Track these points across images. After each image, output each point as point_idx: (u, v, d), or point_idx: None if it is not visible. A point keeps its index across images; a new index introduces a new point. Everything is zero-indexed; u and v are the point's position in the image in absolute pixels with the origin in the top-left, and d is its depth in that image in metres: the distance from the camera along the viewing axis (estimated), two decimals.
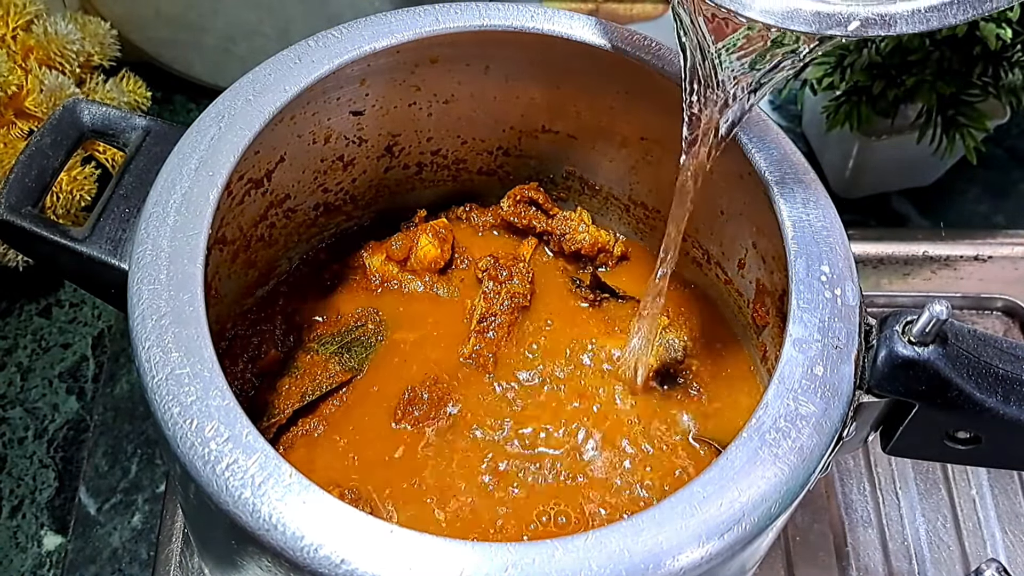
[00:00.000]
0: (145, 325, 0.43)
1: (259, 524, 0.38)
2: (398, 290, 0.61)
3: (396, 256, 0.62)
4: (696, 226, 0.60)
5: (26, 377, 0.76)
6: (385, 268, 0.62)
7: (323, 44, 0.52)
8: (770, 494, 0.40)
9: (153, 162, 0.50)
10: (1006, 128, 0.85)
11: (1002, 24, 0.66)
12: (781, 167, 0.49)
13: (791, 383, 0.43)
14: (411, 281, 0.61)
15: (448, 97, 0.60)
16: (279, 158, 0.56)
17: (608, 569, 0.38)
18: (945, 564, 0.67)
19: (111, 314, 0.79)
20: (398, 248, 0.62)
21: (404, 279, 0.61)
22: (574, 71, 0.57)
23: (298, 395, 0.56)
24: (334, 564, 0.38)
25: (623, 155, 0.61)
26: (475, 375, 0.58)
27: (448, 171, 0.65)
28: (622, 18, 0.90)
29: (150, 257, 0.45)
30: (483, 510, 0.53)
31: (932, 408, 0.43)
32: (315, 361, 0.58)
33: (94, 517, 0.69)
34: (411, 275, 0.62)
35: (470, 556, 0.38)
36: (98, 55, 0.82)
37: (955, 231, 0.83)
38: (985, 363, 0.42)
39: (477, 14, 0.54)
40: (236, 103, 0.50)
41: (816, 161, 0.89)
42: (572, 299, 0.62)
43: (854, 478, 0.70)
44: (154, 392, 0.41)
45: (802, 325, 0.44)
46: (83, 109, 0.52)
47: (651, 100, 0.56)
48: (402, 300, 0.61)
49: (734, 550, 0.39)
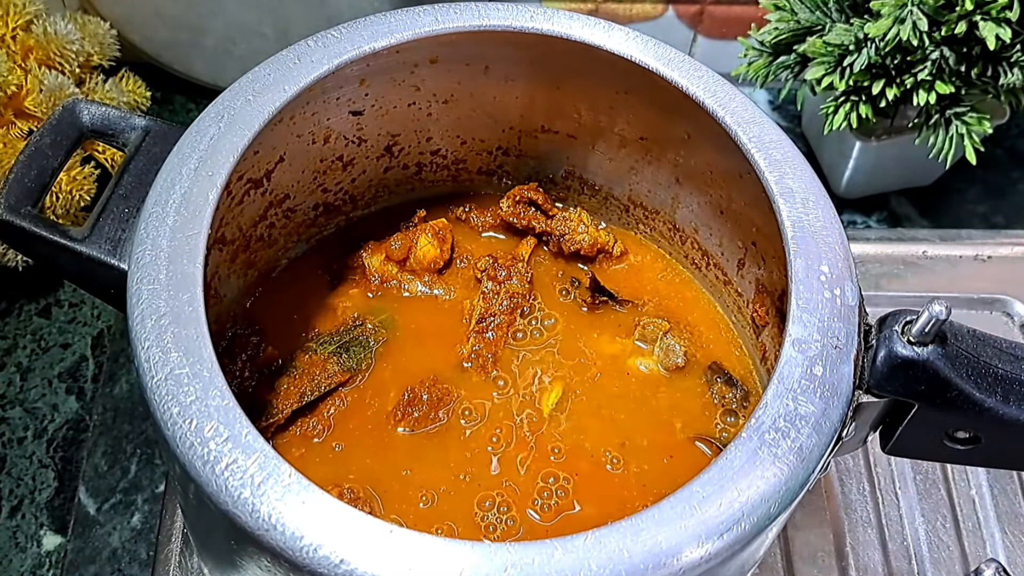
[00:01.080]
0: (144, 325, 0.43)
1: (258, 524, 0.38)
2: (397, 290, 0.61)
3: (395, 256, 0.62)
4: (695, 226, 0.60)
5: (26, 377, 0.76)
6: (384, 268, 0.62)
7: (322, 44, 0.52)
8: (769, 494, 0.40)
9: (152, 162, 0.50)
10: (1006, 128, 0.85)
11: (1001, 24, 0.66)
12: (780, 167, 0.49)
13: (790, 383, 0.43)
14: (410, 281, 0.61)
15: (448, 97, 0.60)
16: (278, 158, 0.56)
17: (608, 569, 0.38)
18: (945, 564, 0.67)
19: (111, 314, 0.79)
20: (397, 248, 0.61)
21: (403, 279, 0.61)
22: (574, 71, 0.57)
23: (297, 395, 0.56)
24: (333, 564, 0.38)
25: (622, 155, 0.61)
26: (475, 375, 0.58)
27: (448, 171, 0.65)
28: (622, 18, 0.90)
29: (149, 257, 0.45)
30: (484, 511, 0.53)
31: (931, 408, 0.43)
32: (314, 361, 0.58)
33: (94, 517, 0.69)
34: (410, 275, 0.62)
35: (469, 556, 0.38)
36: (98, 55, 0.82)
37: (955, 231, 0.83)
38: (984, 363, 0.42)
39: (477, 14, 0.54)
40: (235, 103, 0.50)
41: (816, 161, 0.89)
42: (570, 301, 0.62)
43: (854, 478, 0.70)
44: (153, 392, 0.41)
45: (801, 325, 0.44)
46: (82, 109, 0.52)
47: (651, 100, 0.56)
48: (401, 300, 0.61)
49: (733, 550, 0.39)
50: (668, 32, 0.91)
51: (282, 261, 0.62)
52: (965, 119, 0.74)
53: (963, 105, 0.74)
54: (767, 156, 0.50)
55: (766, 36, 0.78)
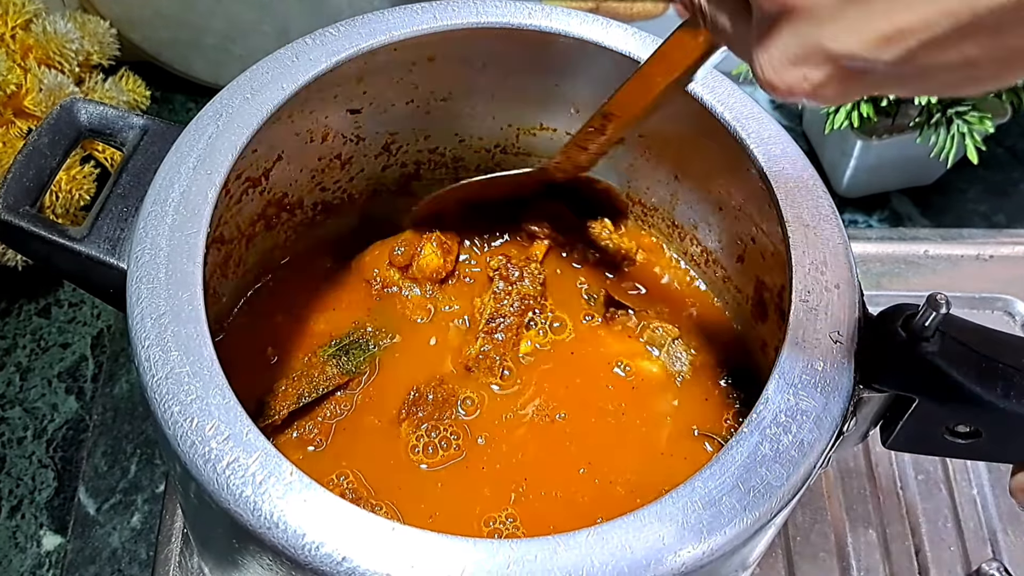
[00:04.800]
0: (144, 324, 0.43)
1: (260, 522, 0.38)
2: (397, 295, 0.61)
3: (397, 262, 0.61)
4: (695, 222, 0.60)
5: (25, 377, 0.76)
6: (387, 273, 0.61)
7: (320, 42, 0.52)
8: (771, 489, 0.40)
9: (151, 161, 0.50)
10: (1007, 128, 0.85)
11: None
12: (781, 164, 0.49)
13: (791, 378, 0.43)
14: (411, 288, 0.61)
15: (446, 95, 0.59)
16: (277, 156, 0.55)
17: (610, 565, 0.38)
18: (946, 564, 0.66)
19: (110, 314, 0.79)
20: (400, 254, 0.61)
21: (404, 285, 0.61)
22: (572, 68, 0.57)
23: (295, 396, 0.56)
24: (336, 562, 0.38)
25: (621, 152, 0.61)
26: (481, 377, 0.57)
27: (446, 169, 0.65)
28: (622, 17, 0.90)
29: (149, 256, 0.45)
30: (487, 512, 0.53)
31: (932, 402, 0.43)
32: (312, 363, 0.57)
33: (93, 517, 0.69)
34: (411, 282, 0.61)
35: (472, 553, 0.38)
36: (97, 54, 0.82)
37: (956, 231, 0.83)
38: (985, 357, 0.42)
39: (474, 12, 0.54)
40: (234, 101, 0.50)
41: (816, 160, 0.89)
42: (583, 311, 0.61)
43: (855, 478, 0.70)
44: (153, 391, 0.41)
45: (802, 320, 0.44)
46: (80, 108, 0.52)
47: None
48: (402, 305, 0.61)
49: (735, 545, 0.39)
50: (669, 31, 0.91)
51: (280, 261, 0.62)
52: (967, 118, 0.74)
53: (964, 104, 0.74)
54: (766, 152, 0.50)
55: None
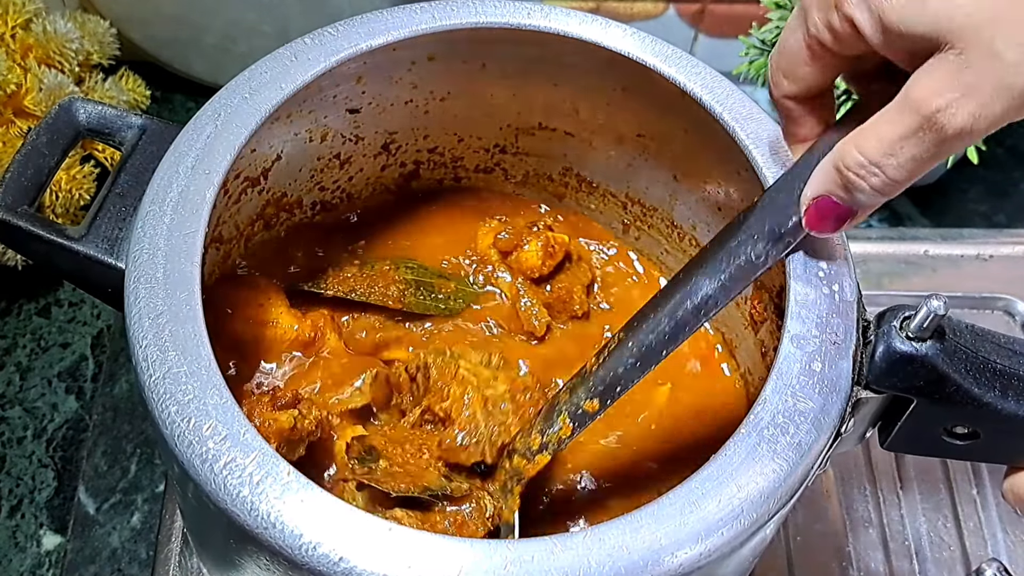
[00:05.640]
0: (142, 324, 0.43)
1: (257, 522, 0.38)
2: (488, 276, 0.62)
3: (500, 245, 0.62)
4: (694, 223, 0.60)
5: (25, 377, 0.76)
6: (489, 251, 0.62)
7: (319, 42, 0.52)
8: (768, 490, 0.40)
9: (149, 160, 0.50)
10: (1007, 128, 0.85)
11: None
12: (778, 163, 0.49)
13: (789, 379, 0.43)
14: (504, 273, 0.62)
15: (445, 95, 0.59)
16: (275, 156, 0.55)
17: (607, 566, 0.38)
18: (946, 564, 0.66)
19: (110, 313, 0.79)
20: (505, 239, 0.62)
21: (499, 268, 0.62)
22: (571, 68, 0.57)
23: (349, 287, 0.57)
24: (333, 562, 0.38)
25: (620, 152, 0.61)
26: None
27: (445, 169, 0.65)
28: (623, 17, 0.90)
29: (147, 256, 0.45)
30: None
31: (930, 403, 0.43)
32: (386, 272, 0.58)
33: (93, 517, 0.69)
34: (506, 268, 0.62)
35: (469, 553, 0.38)
36: (97, 54, 0.82)
37: (956, 231, 0.83)
38: (983, 358, 0.42)
39: (474, 11, 0.54)
40: (232, 101, 0.50)
41: None
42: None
43: (855, 478, 0.70)
44: (151, 391, 0.41)
45: (800, 321, 0.44)
46: (79, 108, 0.52)
47: (648, 97, 0.55)
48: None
49: (732, 546, 0.39)
50: (669, 30, 0.91)
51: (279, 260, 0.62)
52: None
53: None
54: (764, 152, 0.50)
55: (767, 34, 0.78)
